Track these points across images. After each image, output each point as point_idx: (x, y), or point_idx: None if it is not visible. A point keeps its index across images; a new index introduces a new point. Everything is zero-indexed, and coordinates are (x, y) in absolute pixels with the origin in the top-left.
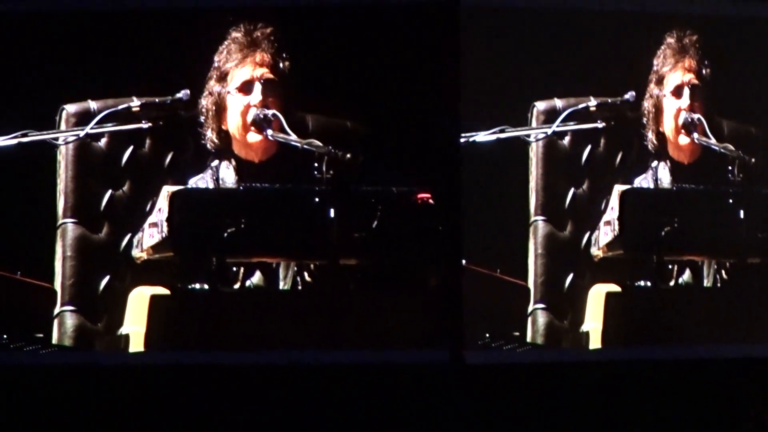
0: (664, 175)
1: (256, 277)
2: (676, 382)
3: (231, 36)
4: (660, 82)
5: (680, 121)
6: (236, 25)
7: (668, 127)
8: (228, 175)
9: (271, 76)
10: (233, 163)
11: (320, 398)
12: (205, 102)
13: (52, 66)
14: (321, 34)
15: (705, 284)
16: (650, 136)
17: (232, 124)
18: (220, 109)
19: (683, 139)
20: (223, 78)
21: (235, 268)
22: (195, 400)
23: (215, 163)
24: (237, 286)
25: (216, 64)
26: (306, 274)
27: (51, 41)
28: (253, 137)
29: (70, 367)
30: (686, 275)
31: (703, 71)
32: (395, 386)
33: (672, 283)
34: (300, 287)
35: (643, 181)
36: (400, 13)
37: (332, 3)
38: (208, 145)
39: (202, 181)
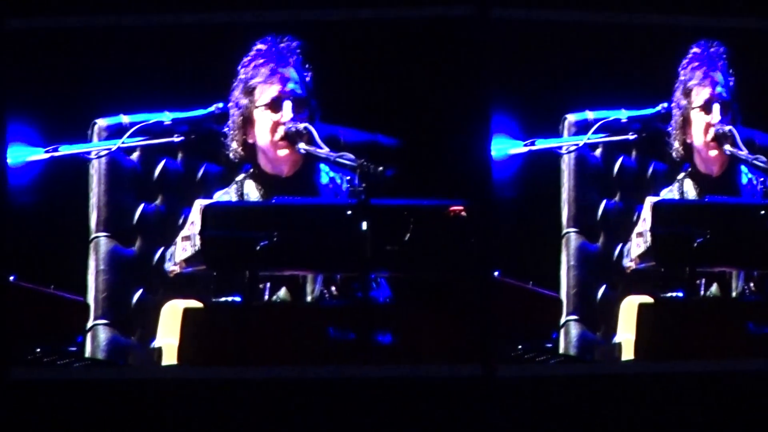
0: (690, 186)
1: (282, 292)
2: (709, 394)
3: (256, 48)
4: (688, 94)
5: (710, 135)
6: (261, 37)
7: (697, 140)
8: (252, 190)
9: (299, 92)
10: (258, 176)
11: (352, 413)
12: (231, 113)
13: (83, 80)
14: (350, 48)
15: (734, 296)
16: (676, 145)
17: (261, 139)
18: (247, 122)
19: (712, 152)
20: (249, 92)
21: (261, 284)
22: (228, 414)
23: (240, 177)
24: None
25: (242, 76)
26: (333, 288)
27: (82, 56)
28: (282, 152)
29: (103, 380)
30: (714, 287)
31: (731, 83)
32: (427, 401)
33: (702, 294)
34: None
35: (669, 193)
36: (429, 26)
37: (361, 17)
38: (231, 155)
39: (226, 195)
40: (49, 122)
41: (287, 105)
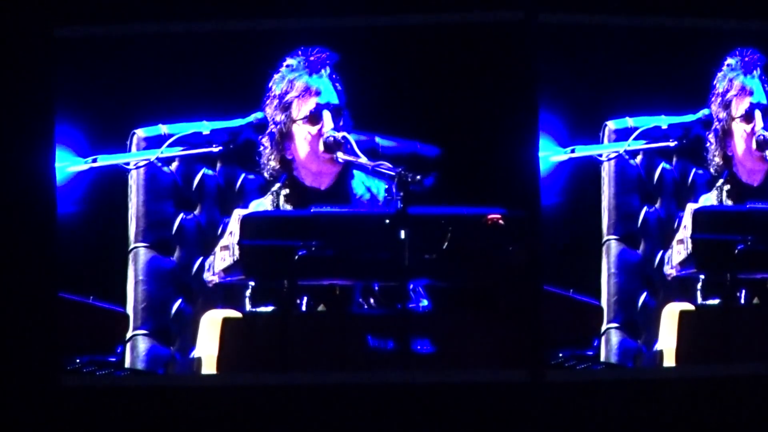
0: (729, 197)
1: (320, 308)
2: (751, 400)
3: (286, 63)
4: (727, 106)
5: (753, 145)
6: (292, 51)
7: (738, 150)
8: (287, 201)
9: (335, 101)
10: (295, 189)
11: (398, 419)
12: (269, 130)
13: (122, 91)
14: (397, 54)
15: None
16: (716, 160)
17: (302, 153)
18: (285, 137)
19: (753, 163)
20: (286, 108)
21: (298, 298)
22: (268, 423)
23: (276, 187)
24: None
25: (275, 92)
26: (372, 300)
27: (122, 66)
28: (325, 164)
29: (143, 390)
30: (753, 294)
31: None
32: (474, 406)
33: (743, 302)
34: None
35: (707, 201)
36: (474, 32)
37: (409, 23)
38: (267, 174)
39: (261, 206)
40: (89, 131)
41: (326, 115)
